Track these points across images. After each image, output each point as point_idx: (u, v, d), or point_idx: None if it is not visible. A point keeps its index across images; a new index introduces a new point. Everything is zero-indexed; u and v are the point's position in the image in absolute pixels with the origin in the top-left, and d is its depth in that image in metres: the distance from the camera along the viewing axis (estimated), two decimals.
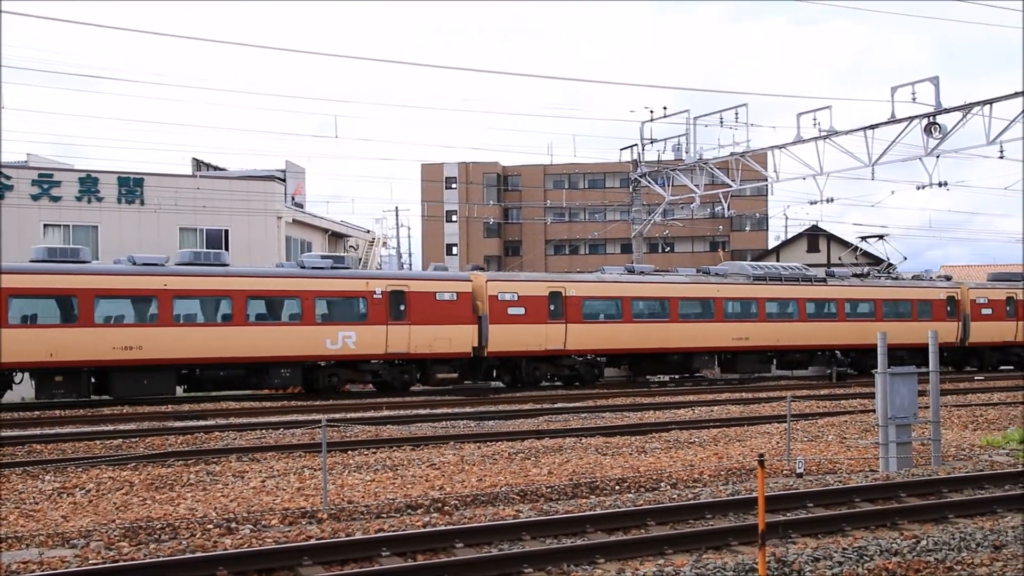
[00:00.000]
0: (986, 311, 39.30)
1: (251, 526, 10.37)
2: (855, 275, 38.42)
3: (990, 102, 27.28)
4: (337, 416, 21.91)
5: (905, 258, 42.48)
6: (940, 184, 30.12)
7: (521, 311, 30.23)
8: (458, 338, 29.14)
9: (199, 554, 8.79)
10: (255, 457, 15.66)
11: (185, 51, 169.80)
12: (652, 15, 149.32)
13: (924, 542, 9.26)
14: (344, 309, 27.89)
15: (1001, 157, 27.50)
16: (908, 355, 34.43)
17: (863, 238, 44.32)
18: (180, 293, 25.86)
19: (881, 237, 41.59)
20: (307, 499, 12.00)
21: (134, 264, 25.91)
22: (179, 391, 27.57)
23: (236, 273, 27.33)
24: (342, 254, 38.53)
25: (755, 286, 34.77)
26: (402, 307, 28.37)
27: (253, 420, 21.39)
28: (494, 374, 31.94)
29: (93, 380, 25.37)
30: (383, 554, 8.93)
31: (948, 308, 38.25)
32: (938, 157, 29.12)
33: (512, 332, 30.14)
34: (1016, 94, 26.71)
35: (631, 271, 34.32)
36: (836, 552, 8.84)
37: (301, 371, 27.84)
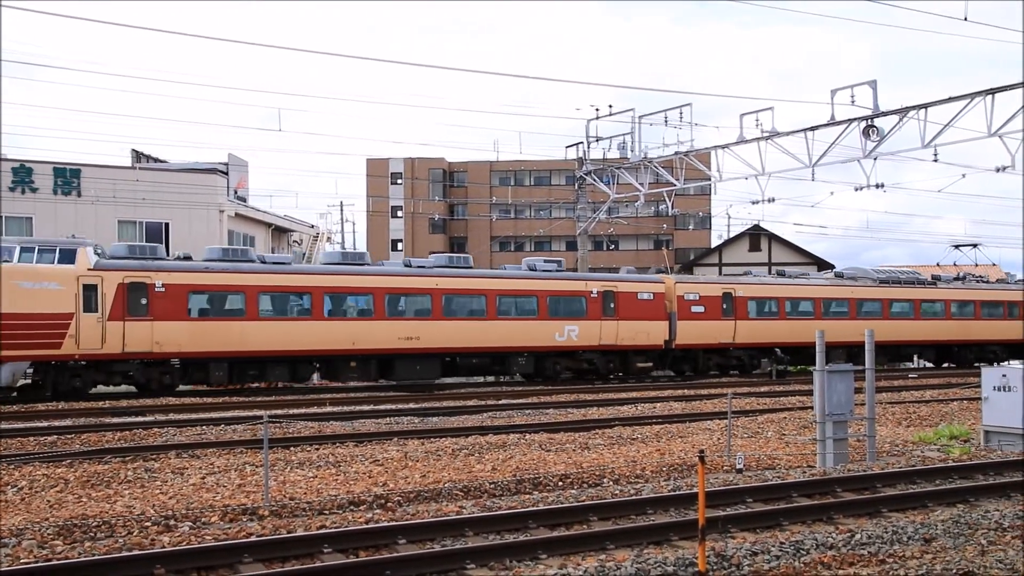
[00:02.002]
0: None
1: (190, 523, 10.22)
2: (956, 279, 42.98)
3: (925, 106, 27.90)
4: (279, 412, 21.70)
5: (994, 264, 46.23)
6: (877, 186, 30.74)
7: (702, 309, 34.56)
8: (654, 332, 33.52)
9: (136, 552, 8.64)
10: (195, 454, 15.44)
11: (124, 39, 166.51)
12: (600, 15, 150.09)
13: (858, 536, 9.46)
14: (569, 306, 32.10)
15: (935, 160, 28.14)
16: (1001, 349, 41.01)
17: (956, 246, 48.25)
18: (447, 292, 29.97)
19: (975, 246, 45.34)
20: (248, 496, 11.87)
21: (410, 267, 30.28)
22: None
23: (488, 275, 32.41)
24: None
25: (881, 288, 39.60)
26: (612, 305, 32.78)
27: (193, 416, 21.09)
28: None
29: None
30: (325, 551, 8.87)
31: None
32: (875, 159, 29.71)
33: (694, 327, 34.35)
34: (950, 99, 27.37)
35: (781, 274, 39.54)
36: (774, 546, 8.99)
37: (534, 360, 31.87)
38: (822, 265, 59.25)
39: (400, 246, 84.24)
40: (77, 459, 14.64)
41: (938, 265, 50.57)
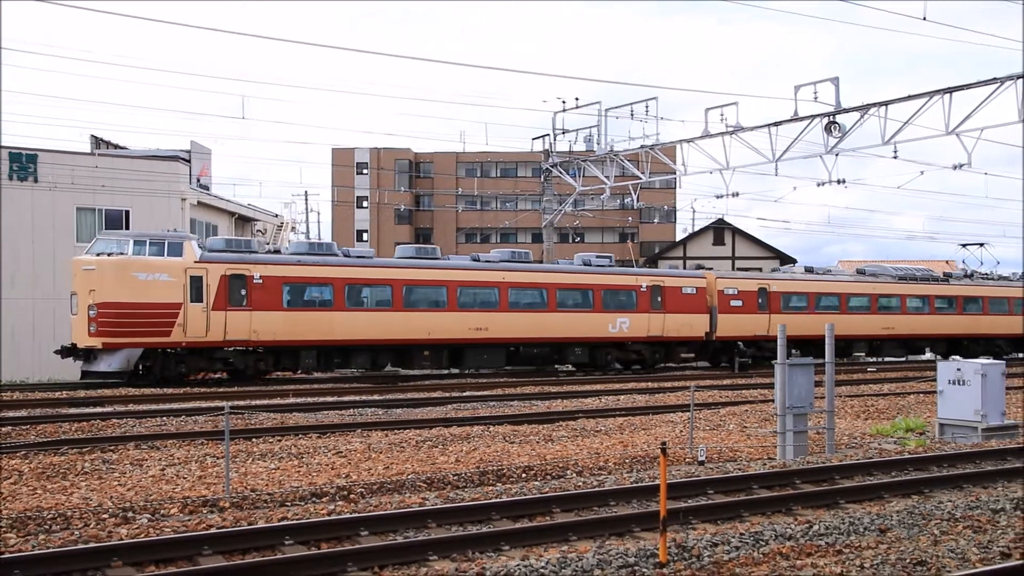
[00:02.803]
0: None
1: (149, 516, 10.13)
2: (966, 275, 45.05)
3: (886, 104, 28.22)
4: (241, 404, 21.53)
5: (998, 263, 48.59)
6: (839, 181, 31.07)
7: (740, 303, 36.64)
8: (697, 324, 35.37)
9: (92, 545, 8.54)
10: (155, 445, 15.29)
11: (83, 23, 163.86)
12: (566, 7, 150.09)
13: (816, 527, 9.58)
14: (620, 300, 33.89)
15: (895, 157, 28.48)
16: (1006, 343, 43.58)
17: (963, 245, 50.37)
18: (512, 285, 31.76)
19: (982, 245, 47.21)
20: (209, 488, 11.78)
21: (477, 261, 32.19)
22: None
23: (547, 269, 33.94)
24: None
25: (898, 284, 41.63)
26: (659, 299, 34.63)
27: (153, 407, 20.86)
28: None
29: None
30: (286, 542, 8.83)
31: None
32: (837, 155, 30.01)
33: (733, 320, 36.38)
34: (909, 97, 27.71)
35: (810, 271, 40.95)
36: (734, 537, 9.08)
37: (589, 350, 33.58)
38: (784, 259, 59.83)
39: (365, 236, 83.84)
40: (32, 450, 14.43)
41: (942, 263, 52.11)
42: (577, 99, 36.92)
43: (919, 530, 9.49)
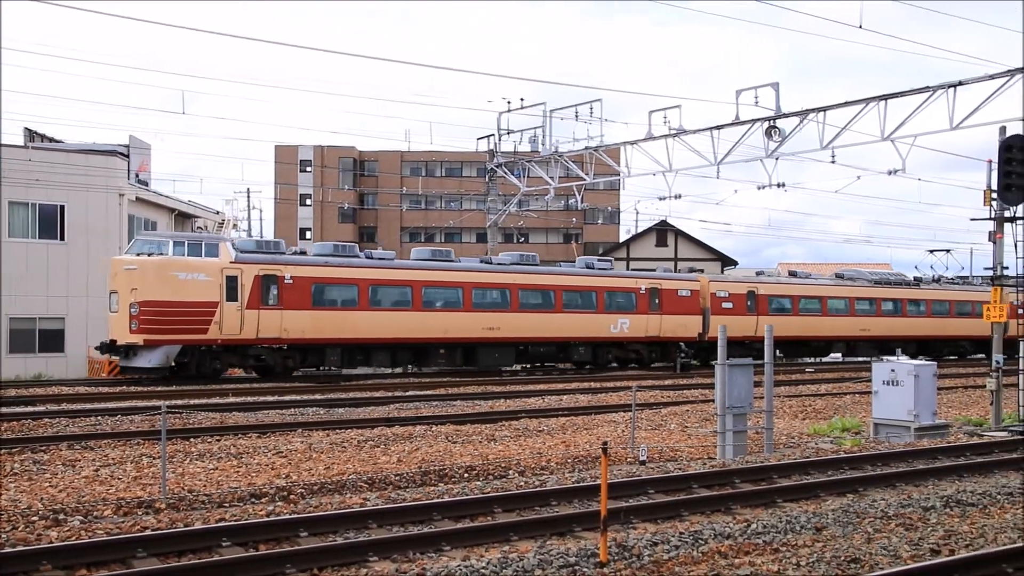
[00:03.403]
0: None
1: (81, 518, 9.89)
2: (934, 280, 47.40)
3: (824, 109, 28.70)
4: (179, 403, 21.18)
5: (963, 268, 51.10)
6: (779, 185, 31.50)
7: (731, 305, 38.52)
8: (691, 325, 37.23)
9: (20, 548, 8.32)
10: (89, 445, 14.96)
11: (17, 12, 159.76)
12: (512, 7, 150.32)
13: (754, 525, 9.71)
14: (621, 302, 35.53)
15: (833, 162, 28.97)
16: (970, 344, 46.09)
17: (931, 251, 52.41)
18: (522, 287, 33.26)
19: (948, 251, 49.45)
20: (144, 489, 11.56)
21: (489, 263, 33.66)
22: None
23: (554, 272, 35.60)
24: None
25: (873, 288, 44.09)
26: (657, 301, 36.40)
27: (87, 406, 20.41)
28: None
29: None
30: (223, 544, 8.69)
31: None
32: (777, 159, 30.42)
33: (725, 321, 37.60)
34: (846, 103, 28.22)
35: (793, 275, 43.34)
36: (674, 536, 9.16)
37: (592, 349, 35.04)
38: (726, 261, 60.61)
39: (308, 235, 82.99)
40: None
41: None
42: (522, 100, 36.98)
43: (853, 528, 9.67)
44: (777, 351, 41.03)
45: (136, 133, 47.17)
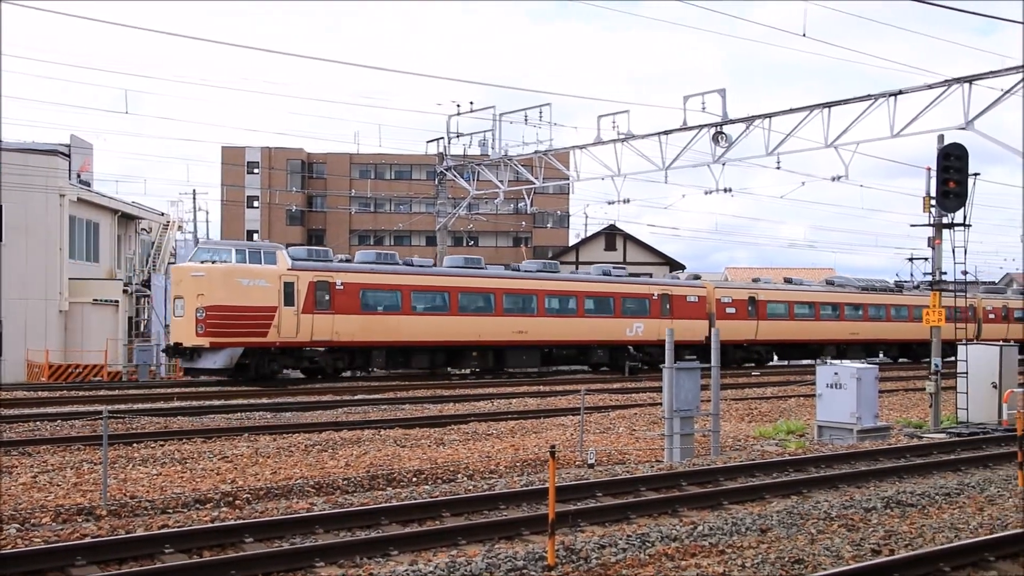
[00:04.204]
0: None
1: (17, 525, 9.66)
2: (914, 287, 48.98)
3: (769, 116, 29.12)
4: (122, 407, 20.79)
5: (944, 272, 52.42)
6: (726, 190, 31.92)
7: (734, 310, 40.59)
8: (698, 329, 38.53)
9: None
10: (26, 451, 14.63)
11: None
12: (460, 11, 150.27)
13: (701, 527, 9.80)
14: (636, 307, 37.56)
15: (778, 167, 29.42)
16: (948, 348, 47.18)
17: (910, 259, 53.58)
18: (548, 292, 35.21)
19: (927, 259, 50.48)
20: (85, 495, 11.33)
21: (517, 270, 36.09)
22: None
23: (575, 279, 38.06)
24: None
25: (861, 294, 46.40)
26: (668, 306, 38.53)
27: (25, 411, 19.95)
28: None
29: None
30: (166, 551, 8.55)
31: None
32: (724, 165, 30.82)
33: (729, 326, 39.17)
34: (791, 110, 28.67)
35: (789, 281, 45.84)
36: (621, 539, 9.21)
37: (609, 352, 36.71)
38: (674, 265, 61.17)
39: (256, 237, 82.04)
40: None
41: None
42: (472, 103, 37.00)
43: (797, 529, 9.81)
44: (775, 355, 43.97)
45: (78, 132, 46.19)
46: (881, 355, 48.55)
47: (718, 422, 15.75)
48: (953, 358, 21.19)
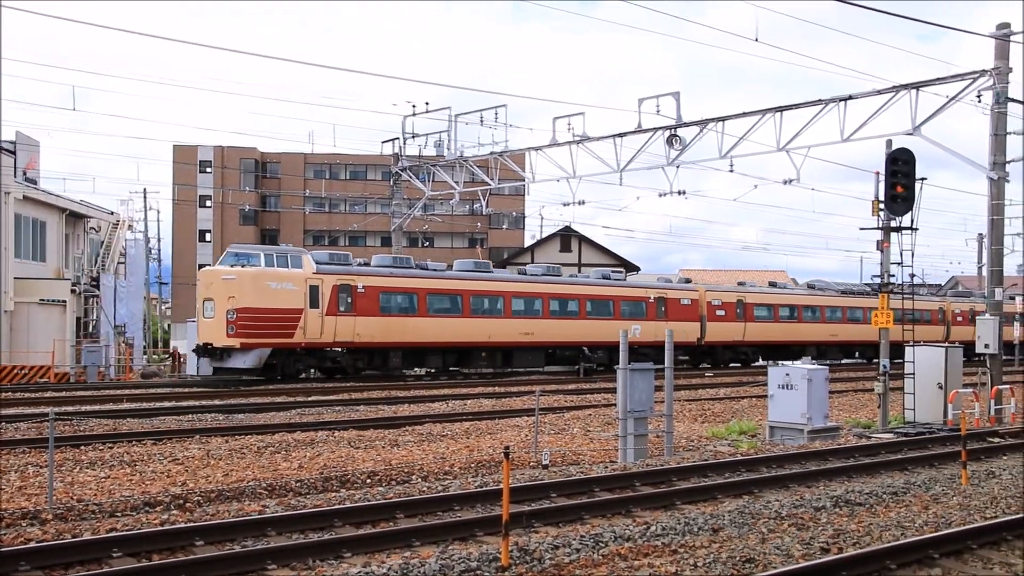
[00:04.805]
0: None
1: None
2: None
3: (723, 119, 29.47)
4: (69, 409, 20.42)
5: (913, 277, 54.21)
6: (680, 192, 32.22)
7: (723, 313, 42.33)
8: (691, 331, 40.77)
9: None
10: None
11: None
12: (414, 11, 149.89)
13: (654, 527, 9.87)
14: (634, 309, 39.16)
15: (731, 170, 29.78)
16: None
17: (898, 264, 55.12)
18: (553, 295, 36.78)
19: (899, 264, 52.33)
20: (30, 499, 11.11)
21: (524, 274, 37.61)
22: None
23: (578, 282, 39.64)
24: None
25: (841, 298, 48.17)
26: (663, 309, 40.21)
27: None
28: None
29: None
30: (114, 555, 8.41)
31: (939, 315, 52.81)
32: (678, 167, 31.12)
33: (719, 327, 42.19)
34: (744, 114, 29.03)
35: (773, 284, 47.90)
36: (575, 539, 9.24)
37: (607, 353, 37.40)
38: (628, 267, 61.52)
39: (208, 237, 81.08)
40: None
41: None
42: (427, 104, 36.98)
43: (748, 529, 9.92)
44: (760, 357, 45.34)
45: (23, 129, 45.30)
46: (857, 355, 50.17)
47: (672, 423, 15.88)
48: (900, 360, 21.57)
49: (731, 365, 43.50)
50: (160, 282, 63.70)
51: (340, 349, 31.26)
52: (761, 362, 45.90)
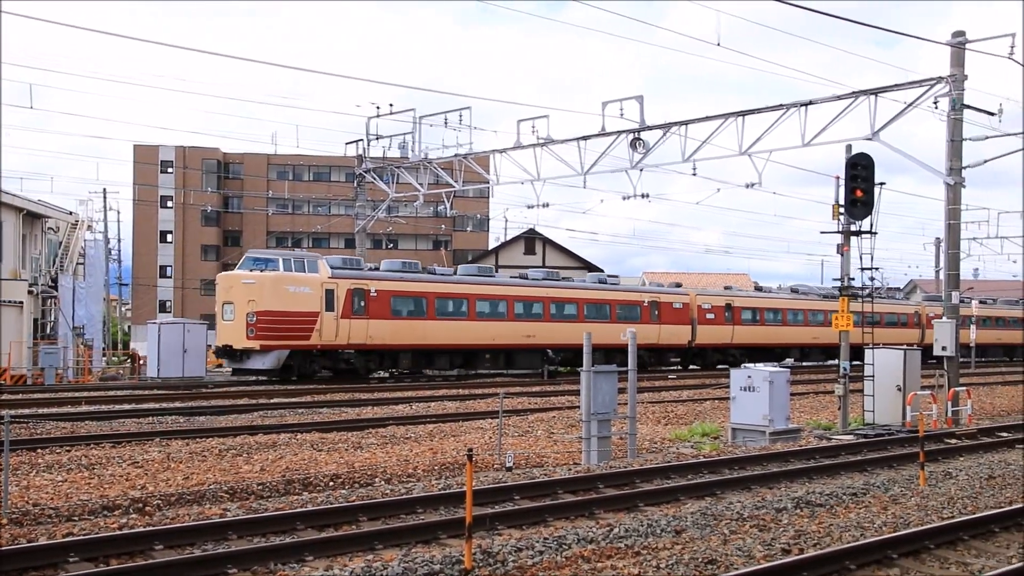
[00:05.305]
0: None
1: None
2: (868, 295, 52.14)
3: (686, 123, 29.64)
4: (25, 412, 20.09)
5: (889, 284, 55.71)
6: (643, 196, 32.35)
7: (713, 316, 43.82)
8: (683, 334, 42.60)
9: None
10: None
11: None
12: (379, 11, 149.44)
13: (616, 529, 9.90)
14: (629, 313, 40.36)
15: (694, 174, 29.94)
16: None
17: (861, 269, 55.75)
18: (553, 299, 37.88)
19: (877, 268, 53.44)
20: None
21: (525, 279, 38.65)
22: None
23: (578, 287, 40.01)
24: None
25: (822, 301, 49.08)
26: (656, 312, 41.38)
27: None
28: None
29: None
30: (71, 560, 8.28)
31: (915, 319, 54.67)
32: (641, 170, 31.24)
33: (709, 330, 43.59)
34: (707, 118, 29.24)
35: (759, 288, 50.38)
36: (538, 542, 9.24)
37: (604, 355, 37.40)
38: (592, 270, 61.65)
39: (170, 238, 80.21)
40: None
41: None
42: (391, 105, 36.77)
43: (711, 530, 9.98)
44: (747, 359, 46.15)
45: None
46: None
47: (635, 425, 15.95)
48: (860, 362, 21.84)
49: (719, 367, 44.01)
50: (120, 283, 62.93)
51: (351, 351, 32.26)
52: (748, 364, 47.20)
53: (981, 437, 19.10)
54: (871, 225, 19.89)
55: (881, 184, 19.67)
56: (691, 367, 43.88)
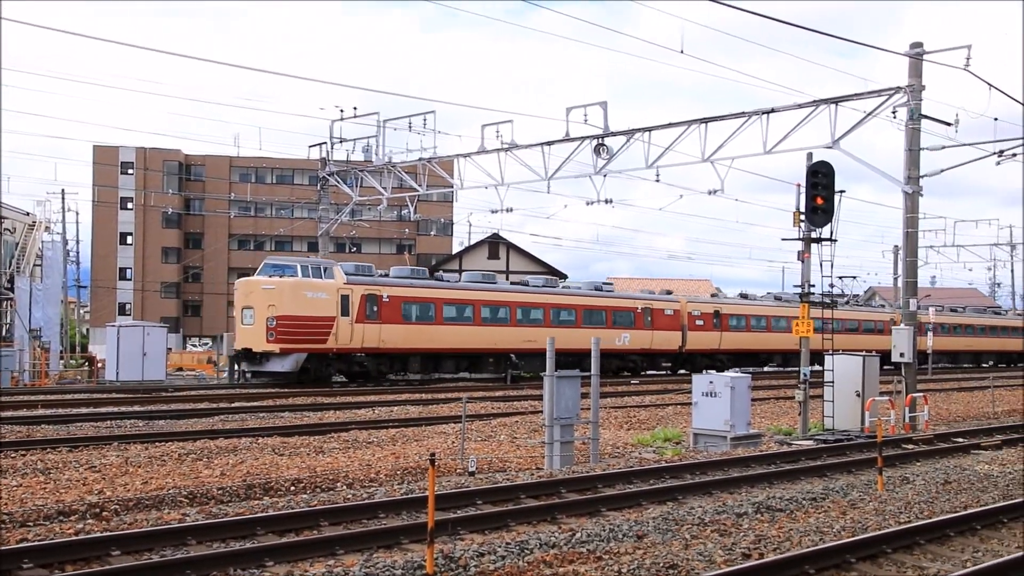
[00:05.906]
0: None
1: None
2: (846, 303, 52.87)
3: (649, 129, 29.83)
4: None
5: (866, 289, 55.77)
6: (607, 201, 32.51)
7: (702, 323, 44.99)
8: (674, 340, 43.88)
9: None
10: None
11: None
12: (342, 14, 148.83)
13: (579, 534, 9.92)
14: (624, 319, 41.49)
15: (658, 180, 30.15)
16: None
17: (840, 277, 56.44)
18: (553, 305, 38.91)
19: (854, 277, 53.86)
20: None
21: (526, 285, 39.73)
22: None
23: (575, 293, 40.98)
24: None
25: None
26: (649, 318, 42.68)
27: None
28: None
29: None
30: (24, 566, 8.13)
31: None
32: (605, 176, 31.41)
33: (698, 336, 44.85)
34: (670, 124, 29.44)
35: (744, 296, 50.27)
36: (500, 546, 9.23)
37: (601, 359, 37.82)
38: (556, 275, 61.82)
39: (130, 240, 79.22)
40: None
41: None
42: (355, 108, 36.69)
43: (672, 535, 10.03)
44: (733, 365, 47.53)
45: None
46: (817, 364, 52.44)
47: (597, 430, 15.99)
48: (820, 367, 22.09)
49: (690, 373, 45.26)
50: (79, 285, 62.04)
51: (364, 354, 33.06)
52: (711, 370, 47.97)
53: (937, 443, 19.38)
54: (831, 232, 20.13)
55: (841, 192, 19.93)
56: (680, 372, 44.50)
